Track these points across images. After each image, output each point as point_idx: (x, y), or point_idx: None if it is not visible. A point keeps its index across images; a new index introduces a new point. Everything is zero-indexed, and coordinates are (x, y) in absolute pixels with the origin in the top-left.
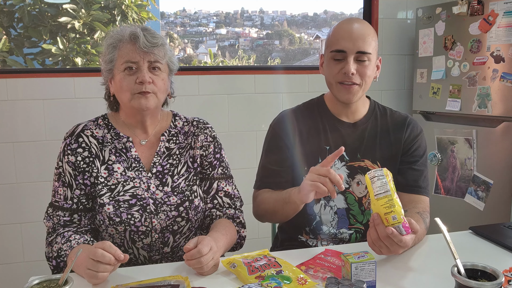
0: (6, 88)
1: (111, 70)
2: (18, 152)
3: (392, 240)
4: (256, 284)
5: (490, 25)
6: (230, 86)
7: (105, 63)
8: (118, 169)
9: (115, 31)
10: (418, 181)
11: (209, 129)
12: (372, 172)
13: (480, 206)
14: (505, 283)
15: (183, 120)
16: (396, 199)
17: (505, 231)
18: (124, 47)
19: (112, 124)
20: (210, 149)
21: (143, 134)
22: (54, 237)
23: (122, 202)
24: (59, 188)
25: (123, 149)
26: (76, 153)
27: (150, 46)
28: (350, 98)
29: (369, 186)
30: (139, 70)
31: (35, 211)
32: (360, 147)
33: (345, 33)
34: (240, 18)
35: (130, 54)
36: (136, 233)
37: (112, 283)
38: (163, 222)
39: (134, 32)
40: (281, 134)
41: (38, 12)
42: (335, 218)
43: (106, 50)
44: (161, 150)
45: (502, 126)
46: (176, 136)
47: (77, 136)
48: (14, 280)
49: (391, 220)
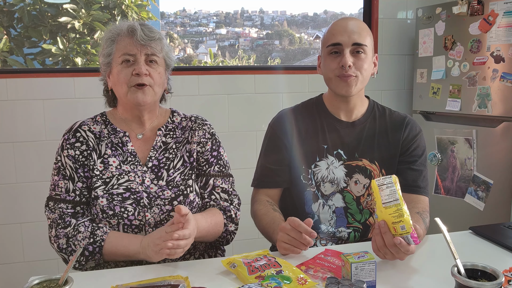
0: (6, 88)
1: (109, 64)
2: (18, 152)
3: (399, 249)
4: (256, 284)
5: (490, 25)
6: (230, 86)
7: (103, 56)
8: (114, 163)
9: (113, 26)
10: (417, 181)
11: (207, 125)
12: (380, 179)
13: (480, 206)
14: (505, 283)
15: (181, 116)
16: (404, 208)
17: (505, 231)
18: (122, 40)
19: (109, 120)
20: (207, 146)
21: (140, 128)
22: (72, 228)
23: (115, 195)
24: (60, 181)
25: (119, 143)
26: (75, 147)
27: (147, 39)
28: (349, 90)
29: (377, 193)
30: (136, 62)
31: (35, 211)
32: (358, 147)
33: (340, 28)
34: (240, 18)
35: (127, 46)
36: (129, 227)
37: (112, 283)
38: (156, 216)
39: (132, 25)
40: (280, 133)
41: (38, 12)
42: (333, 217)
43: (104, 44)
44: (158, 144)
45: (502, 126)
46: (173, 131)
47: (75, 131)
48: (14, 280)
49: (400, 230)
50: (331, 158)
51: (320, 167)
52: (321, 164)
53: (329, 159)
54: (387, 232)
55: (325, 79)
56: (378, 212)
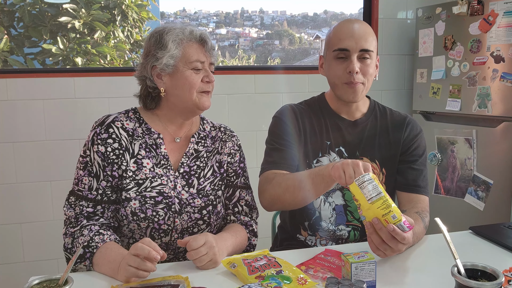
0: (6, 88)
1: (174, 66)
2: (18, 152)
3: (396, 240)
4: (256, 284)
5: (490, 25)
6: (230, 86)
7: (170, 57)
8: (147, 165)
9: (177, 29)
10: (417, 180)
11: (235, 137)
12: (359, 178)
13: (480, 206)
14: (505, 283)
15: (210, 125)
16: (389, 198)
17: (505, 231)
18: (191, 46)
19: (143, 118)
20: (236, 157)
21: (176, 132)
22: (78, 229)
23: (148, 198)
24: (84, 177)
25: (153, 145)
26: (106, 143)
27: (212, 49)
28: (355, 97)
29: (359, 193)
30: (204, 70)
31: (35, 211)
32: (359, 145)
33: (348, 32)
34: (240, 18)
35: (199, 54)
36: (157, 231)
37: (112, 283)
38: (185, 223)
39: (204, 34)
40: (287, 121)
41: (38, 12)
42: (333, 214)
43: (170, 45)
44: (190, 151)
45: (502, 126)
46: (204, 139)
47: (108, 126)
48: (14, 280)
49: (391, 219)
50: (334, 154)
51: (322, 162)
52: (323, 160)
53: (331, 156)
54: (382, 228)
55: (329, 82)
56: (364, 213)
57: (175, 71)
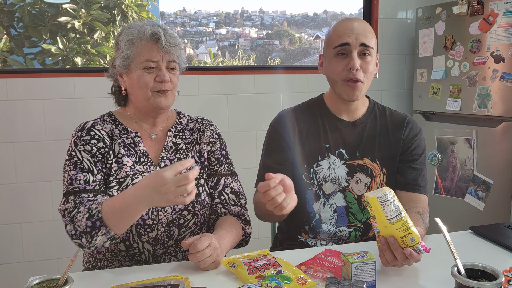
0: (6, 88)
1: (127, 66)
2: (18, 152)
3: (409, 260)
4: (256, 284)
5: (490, 25)
6: (230, 86)
7: (122, 58)
8: (128, 162)
9: (134, 27)
10: (417, 179)
11: (213, 126)
12: (382, 196)
13: (480, 206)
14: (505, 283)
15: (187, 118)
16: (408, 218)
17: (505, 231)
18: (143, 45)
19: (118, 120)
20: (216, 145)
21: (152, 129)
22: (75, 213)
23: None
24: (78, 175)
25: (132, 143)
26: (91, 143)
27: (169, 46)
28: (356, 95)
29: (379, 210)
30: (158, 68)
31: (35, 211)
32: (359, 146)
33: (347, 29)
34: (240, 18)
35: (151, 53)
36: (142, 227)
37: (112, 283)
38: (169, 215)
39: (156, 32)
40: (282, 132)
41: (38, 11)
42: (334, 216)
43: (123, 46)
44: (169, 145)
45: (502, 126)
46: (182, 132)
47: (88, 130)
48: (14, 280)
49: (409, 242)
50: (333, 157)
51: (322, 166)
52: (323, 164)
53: (331, 158)
54: (398, 248)
55: (329, 80)
56: (380, 227)
57: (129, 71)
